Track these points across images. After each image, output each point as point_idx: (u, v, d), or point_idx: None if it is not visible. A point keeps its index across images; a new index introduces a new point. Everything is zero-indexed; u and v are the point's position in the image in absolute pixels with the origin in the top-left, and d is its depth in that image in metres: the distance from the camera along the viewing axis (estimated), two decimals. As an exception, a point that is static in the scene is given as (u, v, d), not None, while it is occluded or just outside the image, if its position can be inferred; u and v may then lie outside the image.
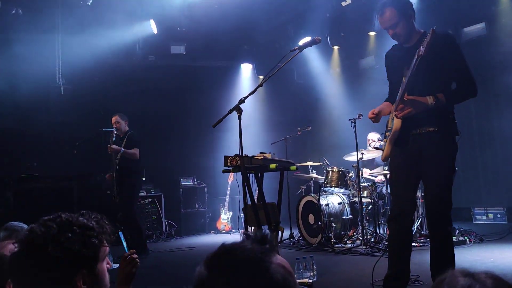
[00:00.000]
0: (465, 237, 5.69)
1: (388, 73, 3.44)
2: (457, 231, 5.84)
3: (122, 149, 6.21)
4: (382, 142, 3.39)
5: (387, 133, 3.25)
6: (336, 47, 9.20)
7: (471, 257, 4.88)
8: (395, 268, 3.20)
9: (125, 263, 2.00)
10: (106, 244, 1.40)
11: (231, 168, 3.75)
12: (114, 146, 6.19)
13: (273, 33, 8.74)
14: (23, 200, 7.34)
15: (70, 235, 1.30)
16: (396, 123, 3.09)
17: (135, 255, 2.03)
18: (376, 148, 3.48)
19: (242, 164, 3.43)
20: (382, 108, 3.32)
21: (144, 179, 8.34)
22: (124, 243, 2.27)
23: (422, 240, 5.80)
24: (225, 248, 1.08)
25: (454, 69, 3.09)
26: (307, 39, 3.50)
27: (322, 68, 9.69)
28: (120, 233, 2.49)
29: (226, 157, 3.77)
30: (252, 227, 4.00)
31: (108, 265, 1.45)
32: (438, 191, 3.04)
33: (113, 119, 6.46)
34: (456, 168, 3.14)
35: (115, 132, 6.37)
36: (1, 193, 7.40)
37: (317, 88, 9.82)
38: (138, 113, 8.87)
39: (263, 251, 1.05)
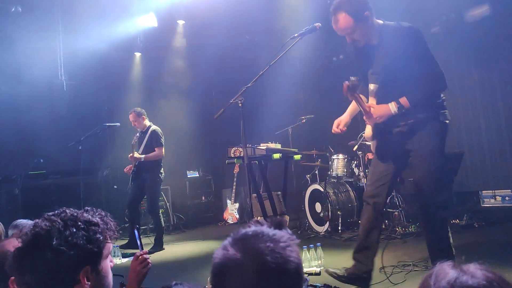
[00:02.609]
0: (473, 221, 5.67)
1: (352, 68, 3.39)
2: (465, 215, 5.82)
3: (142, 157, 6.21)
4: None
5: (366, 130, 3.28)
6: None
7: (480, 240, 4.86)
8: (364, 242, 3.22)
9: (137, 263, 2.01)
10: (110, 241, 1.39)
11: (235, 159, 3.74)
12: (136, 156, 6.20)
13: (273, 22, 8.68)
14: (31, 197, 7.39)
15: (74, 230, 1.29)
16: (367, 131, 3.10)
17: (147, 256, 2.05)
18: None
19: (245, 155, 3.42)
20: (350, 112, 3.32)
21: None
22: (139, 242, 2.27)
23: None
24: (255, 232, 1.11)
25: (416, 65, 2.86)
26: (308, 26, 3.45)
27: (325, 55, 9.61)
28: (135, 231, 2.49)
29: (229, 148, 3.77)
30: (258, 217, 4.00)
31: (111, 263, 1.45)
32: (422, 173, 3.01)
33: (130, 117, 6.47)
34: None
35: (137, 135, 6.45)
36: (8, 190, 7.46)
37: (320, 75, 9.75)
38: (142, 106, 8.87)
39: (290, 237, 1.12)
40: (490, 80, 7.65)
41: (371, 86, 3.02)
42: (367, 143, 5.13)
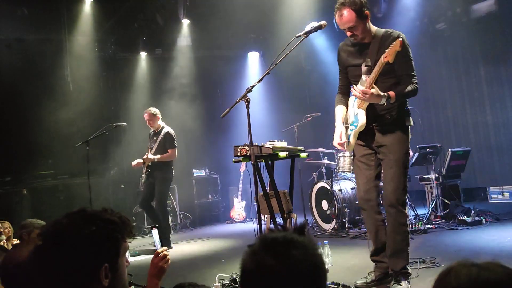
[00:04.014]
0: (481, 217, 5.64)
1: (341, 66, 3.61)
2: (473, 211, 5.80)
3: (156, 158, 6.30)
4: (348, 133, 3.54)
5: (351, 127, 3.46)
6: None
7: (487, 236, 4.84)
8: (376, 244, 3.48)
9: (158, 259, 2.10)
10: (127, 240, 1.42)
11: (241, 157, 3.75)
12: (150, 157, 6.30)
13: (279, 20, 8.67)
14: (39, 197, 7.45)
15: (94, 228, 1.32)
16: (362, 120, 3.31)
17: (167, 253, 2.13)
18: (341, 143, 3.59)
19: (252, 153, 3.42)
20: (341, 120, 3.56)
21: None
22: (156, 240, 2.33)
23: (437, 222, 5.77)
24: (285, 238, 1.10)
25: (403, 70, 3.25)
26: (313, 24, 3.46)
27: (330, 53, 9.60)
28: (154, 230, 2.53)
29: (235, 147, 3.77)
30: (265, 216, 4.01)
31: (126, 262, 1.47)
32: (392, 174, 3.27)
33: (145, 117, 6.51)
34: (411, 153, 3.38)
35: (151, 131, 6.57)
36: (17, 190, 7.52)
37: (325, 73, 9.73)
38: (147, 105, 8.90)
39: (316, 243, 1.13)
40: (497, 76, 7.60)
41: (363, 77, 3.26)
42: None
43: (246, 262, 1.09)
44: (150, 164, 6.35)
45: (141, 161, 6.44)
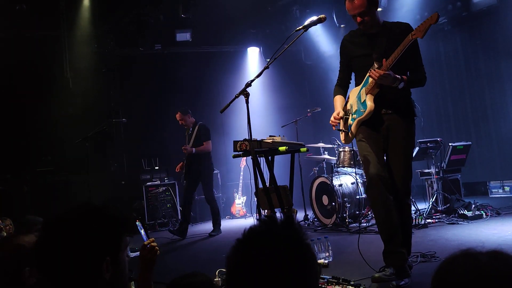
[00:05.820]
0: (482, 211, 5.64)
1: (344, 57, 3.53)
2: (473, 206, 5.79)
3: (194, 149, 6.62)
4: (349, 123, 3.49)
5: (354, 116, 3.40)
6: (343, 26, 9.06)
7: (488, 231, 4.84)
8: (390, 230, 3.23)
9: (146, 251, 2.09)
10: (128, 234, 1.44)
11: (241, 153, 3.74)
12: (188, 148, 6.61)
13: (279, 15, 8.65)
14: (39, 194, 7.44)
15: (95, 223, 1.34)
16: (370, 105, 3.23)
17: (154, 243, 2.12)
18: (339, 130, 3.47)
19: (252, 148, 3.42)
20: (341, 106, 3.52)
21: (157, 167, 8.55)
22: (142, 232, 2.34)
23: (438, 216, 5.77)
24: (270, 230, 1.06)
25: (414, 58, 3.28)
26: (313, 18, 3.44)
27: (330, 48, 9.57)
28: (138, 223, 2.54)
29: (235, 142, 3.76)
30: (265, 211, 4.00)
31: (126, 257, 1.48)
32: (402, 165, 3.27)
33: (177, 117, 6.80)
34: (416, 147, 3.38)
35: (190, 130, 6.87)
36: (17, 187, 7.51)
37: (325, 68, 9.71)
38: (147, 101, 8.91)
39: (303, 232, 1.09)
40: (497, 70, 7.58)
41: (376, 65, 3.19)
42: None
43: (231, 256, 1.06)
44: (189, 157, 6.65)
45: (180, 164, 6.89)
